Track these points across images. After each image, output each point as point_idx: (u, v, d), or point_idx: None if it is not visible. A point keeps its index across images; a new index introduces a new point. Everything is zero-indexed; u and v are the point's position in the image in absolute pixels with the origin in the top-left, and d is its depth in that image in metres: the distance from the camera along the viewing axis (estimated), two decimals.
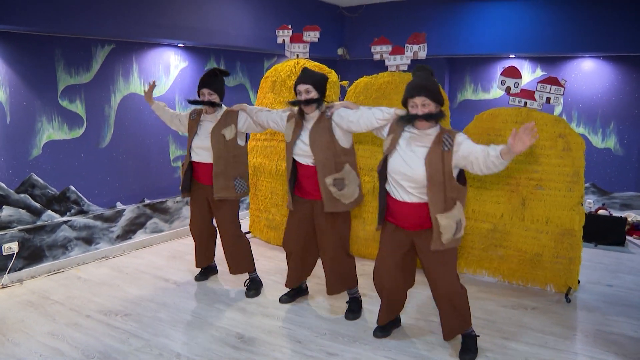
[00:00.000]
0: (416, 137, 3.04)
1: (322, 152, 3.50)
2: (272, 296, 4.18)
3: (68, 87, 4.70)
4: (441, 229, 2.95)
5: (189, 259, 5.04)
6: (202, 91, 3.97)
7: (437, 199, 2.94)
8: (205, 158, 4.03)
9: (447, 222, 2.95)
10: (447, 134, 2.97)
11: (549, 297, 4.19)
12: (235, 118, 4.03)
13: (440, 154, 2.93)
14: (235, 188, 4.02)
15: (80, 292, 4.24)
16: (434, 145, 2.96)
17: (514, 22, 6.29)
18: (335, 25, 7.49)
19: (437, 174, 2.92)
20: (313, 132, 3.55)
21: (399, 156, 3.05)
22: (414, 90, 2.96)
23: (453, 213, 2.97)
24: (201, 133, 4.04)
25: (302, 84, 3.54)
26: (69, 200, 4.80)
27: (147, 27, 4.84)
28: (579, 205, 4.09)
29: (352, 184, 3.59)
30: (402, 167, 3.02)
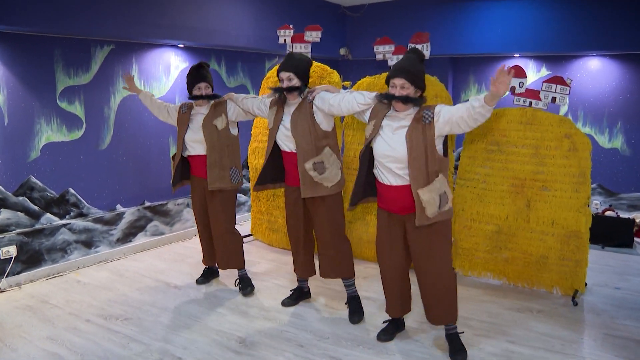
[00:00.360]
0: (397, 119, 3.10)
1: (303, 137, 3.53)
2: (274, 299, 4.16)
3: (67, 88, 4.70)
4: (424, 204, 2.98)
5: (190, 262, 5.04)
6: (198, 85, 4.02)
7: (419, 173, 2.98)
8: (200, 151, 4.07)
9: (430, 195, 2.97)
10: (427, 109, 3.03)
11: (555, 300, 4.16)
12: (224, 108, 4.10)
13: (421, 128, 2.98)
14: (231, 178, 4.06)
15: (80, 296, 4.23)
16: (413, 122, 3.02)
17: (518, 20, 6.27)
18: (337, 24, 7.48)
19: (418, 148, 2.97)
20: (294, 117, 3.58)
21: (382, 140, 3.11)
22: (395, 71, 3.04)
23: (435, 186, 2.99)
24: (193, 126, 4.07)
25: (284, 71, 3.57)
26: (68, 203, 4.80)
27: (147, 27, 4.84)
28: (586, 206, 4.06)
29: (333, 167, 3.61)
30: (386, 149, 3.07)
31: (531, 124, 4.22)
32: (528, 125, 4.22)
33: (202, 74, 4.03)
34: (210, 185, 4.01)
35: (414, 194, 2.99)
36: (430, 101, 4.52)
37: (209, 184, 4.01)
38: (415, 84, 3.02)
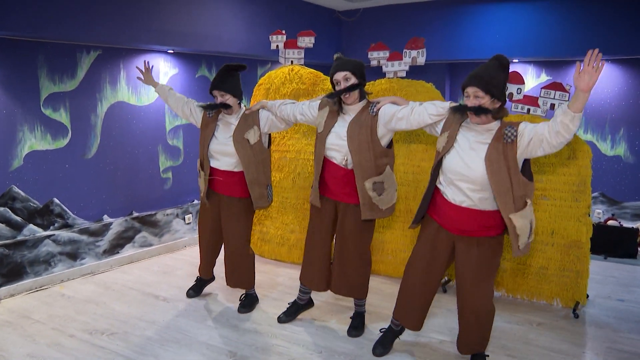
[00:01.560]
0: (475, 132, 2.90)
1: (362, 153, 3.33)
2: (266, 312, 4.15)
3: (51, 95, 4.70)
4: (518, 231, 2.80)
5: (179, 274, 5.02)
6: (213, 93, 3.83)
7: (506, 199, 2.78)
8: (225, 165, 3.89)
9: (523, 222, 2.79)
10: (509, 126, 2.81)
11: (555, 312, 4.16)
12: (256, 119, 3.86)
13: (502, 149, 2.77)
14: (268, 197, 3.97)
15: (64, 310, 4.20)
16: (494, 141, 2.81)
17: (517, 25, 6.30)
18: (331, 30, 7.51)
19: (500, 173, 2.77)
20: (352, 127, 3.36)
21: (457, 155, 2.92)
22: (469, 79, 2.84)
23: (526, 212, 2.82)
24: (220, 136, 3.87)
25: (339, 72, 3.35)
26: (52, 214, 4.79)
27: (135, 32, 4.85)
28: (586, 215, 4.07)
29: (391, 188, 3.45)
30: (460, 167, 2.88)
31: None
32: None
33: (216, 80, 3.79)
34: (255, 205, 3.91)
35: (506, 220, 2.82)
36: None
37: (255, 205, 3.90)
38: (491, 93, 2.80)
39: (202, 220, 4.23)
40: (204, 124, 3.97)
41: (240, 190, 3.93)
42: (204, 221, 4.21)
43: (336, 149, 3.44)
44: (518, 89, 4.22)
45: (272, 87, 5.21)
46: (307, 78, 5.05)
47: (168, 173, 5.81)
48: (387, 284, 4.77)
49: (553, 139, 2.67)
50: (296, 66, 5.21)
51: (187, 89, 5.89)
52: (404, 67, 4.72)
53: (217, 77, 3.81)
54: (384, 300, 4.40)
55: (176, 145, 5.87)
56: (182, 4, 5.23)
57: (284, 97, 5.09)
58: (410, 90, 4.65)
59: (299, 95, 5.05)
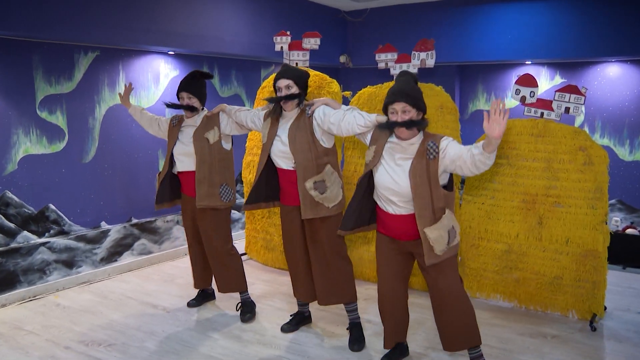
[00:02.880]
0: (400, 148, 3.09)
1: (303, 154, 3.50)
2: (270, 323, 4.13)
3: (48, 97, 4.71)
4: (432, 242, 2.99)
5: (180, 283, 5.01)
6: (180, 95, 4.02)
7: (424, 212, 2.99)
8: (190, 166, 4.04)
9: (437, 233, 2.99)
10: (432, 141, 3.02)
11: (571, 324, 4.11)
12: (217, 120, 4.06)
13: (425, 164, 2.99)
14: (220, 195, 4.02)
15: (59, 320, 4.19)
16: (417, 156, 3.02)
17: (530, 25, 6.28)
18: (337, 31, 7.51)
19: (422, 187, 2.98)
20: (292, 131, 3.54)
21: (384, 171, 3.12)
22: (394, 96, 3.02)
23: (442, 223, 3.01)
24: (183, 138, 4.06)
25: (282, 79, 3.55)
26: (47, 220, 4.78)
27: (134, 33, 4.86)
28: (603, 223, 4.04)
29: (334, 186, 3.58)
30: (389, 182, 3.08)
31: (543, 136, 4.20)
32: (539, 137, 4.21)
33: (185, 83, 4.02)
34: (198, 203, 3.96)
35: (421, 233, 3.00)
36: (434, 113, 4.56)
37: (197, 201, 3.97)
38: (417, 106, 3.03)
39: (185, 228, 4.32)
40: (170, 132, 4.17)
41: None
42: (186, 228, 4.31)
43: (282, 155, 3.60)
44: (531, 92, 4.21)
45: None
46: (312, 81, 5.00)
47: None
48: None
49: (474, 169, 2.93)
50: (301, 68, 5.17)
51: None
52: (412, 70, 4.69)
53: (186, 80, 4.04)
54: None
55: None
56: (183, 4, 5.25)
57: None
58: None
59: None
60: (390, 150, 3.13)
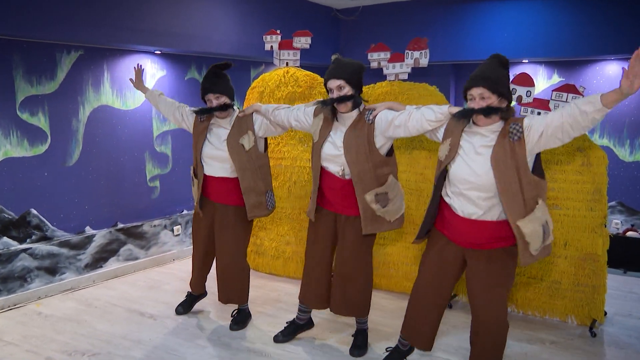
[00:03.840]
0: (479, 136, 2.89)
1: (360, 164, 3.32)
2: (261, 330, 4.11)
3: (29, 98, 4.67)
4: (527, 238, 2.78)
5: (167, 289, 4.98)
6: (207, 97, 3.83)
7: (515, 203, 2.76)
8: (218, 171, 3.90)
9: (532, 227, 2.77)
10: (513, 123, 2.79)
11: (570, 330, 4.11)
12: (250, 123, 3.86)
13: (509, 148, 2.75)
14: (267, 204, 3.95)
15: (41, 330, 4.14)
16: (499, 139, 2.79)
17: (527, 23, 6.29)
18: (328, 29, 7.52)
19: (508, 173, 2.75)
20: (349, 136, 3.36)
21: (463, 162, 2.90)
22: (472, 80, 2.84)
23: (536, 215, 2.78)
24: (213, 140, 3.88)
25: (333, 79, 3.35)
26: (29, 226, 4.74)
27: (120, 31, 4.82)
28: (602, 226, 4.04)
29: (397, 199, 3.44)
30: (467, 174, 2.87)
31: None
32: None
33: (208, 83, 3.81)
34: (249, 214, 3.87)
35: (514, 227, 2.80)
36: None
37: (249, 213, 3.87)
38: (498, 92, 2.81)
39: (196, 231, 4.21)
40: (196, 129, 3.97)
41: (236, 198, 3.93)
42: (197, 232, 4.19)
43: (332, 159, 3.45)
44: (527, 91, 4.19)
45: (266, 91, 5.19)
46: (303, 81, 5.04)
47: (155, 182, 5.77)
48: (389, 300, 4.73)
49: (576, 131, 2.64)
50: (292, 68, 5.20)
51: (175, 91, 5.86)
52: (405, 69, 4.71)
53: (208, 80, 3.82)
54: (386, 316, 4.36)
55: (164, 152, 5.82)
56: (170, 2, 5.23)
57: (279, 101, 5.07)
58: (413, 94, 4.63)
59: (295, 99, 5.04)
60: (468, 140, 2.91)
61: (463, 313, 4.39)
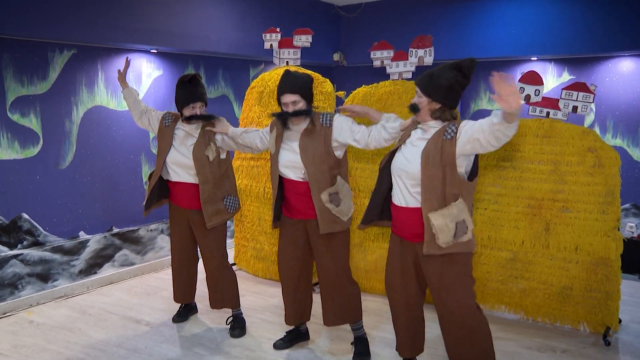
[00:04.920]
0: (421, 131, 3.10)
1: (316, 166, 3.46)
2: (260, 337, 4.10)
3: (20, 99, 4.65)
4: (434, 230, 2.93)
5: (164, 296, 4.97)
6: (193, 105, 3.93)
7: (432, 195, 2.94)
8: (184, 177, 3.99)
9: (443, 221, 2.92)
10: (452, 124, 2.99)
11: (582, 338, 4.08)
12: (212, 135, 4.02)
13: (440, 144, 2.95)
14: (227, 208, 4.06)
15: (32, 339, 4.12)
16: (434, 137, 3.00)
17: (536, 19, 6.26)
18: (330, 27, 7.50)
19: (434, 167, 2.93)
20: (304, 140, 3.50)
21: (401, 153, 3.13)
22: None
23: (450, 211, 2.93)
24: (178, 146, 3.99)
25: (287, 94, 3.50)
26: (20, 231, 4.72)
27: (114, 30, 4.81)
28: (615, 230, 4.01)
29: (346, 198, 3.58)
30: (401, 162, 3.09)
31: (549, 137, 4.19)
32: (545, 138, 4.20)
33: (199, 92, 3.95)
34: (208, 224, 3.95)
35: (424, 218, 2.96)
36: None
37: (208, 222, 3.95)
38: (428, 94, 3.02)
39: (173, 239, 4.28)
40: (161, 135, 4.08)
41: None
42: (174, 240, 4.27)
43: (291, 165, 3.57)
44: (536, 90, 4.18)
45: (265, 90, 5.18)
46: None
47: None
48: None
49: (493, 141, 2.78)
50: (292, 67, 5.19)
51: (172, 91, 5.83)
52: (409, 68, 4.73)
53: (192, 89, 3.93)
54: (388, 323, 4.29)
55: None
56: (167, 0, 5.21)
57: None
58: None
59: None
60: (414, 132, 3.14)
61: None
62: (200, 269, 4.35)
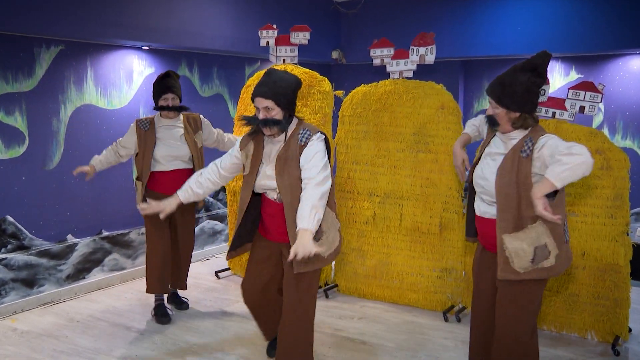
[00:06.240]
0: (500, 142, 3.02)
1: (293, 191, 3.10)
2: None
3: (4, 96, 4.63)
4: (508, 253, 2.85)
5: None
6: (165, 96, 4.33)
7: (506, 215, 2.86)
8: (171, 165, 4.39)
9: (519, 245, 2.83)
10: (529, 138, 2.88)
11: (590, 347, 4.04)
12: (200, 124, 4.52)
13: (517, 161, 2.86)
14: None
15: (16, 347, 4.09)
16: (511, 152, 2.91)
17: (542, 15, 6.28)
18: (328, 24, 7.50)
19: (509, 187, 2.85)
20: (280, 161, 3.14)
21: (479, 166, 3.09)
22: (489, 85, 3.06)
23: (528, 234, 2.84)
24: (167, 141, 4.37)
25: (260, 98, 3.09)
26: (4, 234, 4.70)
27: (103, 25, 4.79)
28: (624, 234, 4.00)
29: (331, 230, 3.21)
30: (479, 177, 3.04)
31: None
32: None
33: (170, 83, 4.33)
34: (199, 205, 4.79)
35: (498, 239, 2.89)
36: (434, 113, 4.59)
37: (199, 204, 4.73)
38: (503, 104, 2.92)
39: (153, 228, 4.46)
40: (143, 139, 4.37)
41: None
42: (155, 229, 4.45)
43: (268, 189, 3.23)
44: (542, 89, 4.14)
45: None
46: (302, 79, 4.96)
47: None
48: (393, 312, 4.71)
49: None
50: (289, 65, 5.20)
51: None
52: (410, 67, 4.73)
53: (167, 81, 4.34)
54: (389, 331, 4.34)
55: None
56: None
57: None
58: (418, 93, 4.66)
59: None
60: (493, 145, 3.07)
61: None
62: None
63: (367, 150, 4.86)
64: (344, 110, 4.97)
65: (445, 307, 4.61)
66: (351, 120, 4.94)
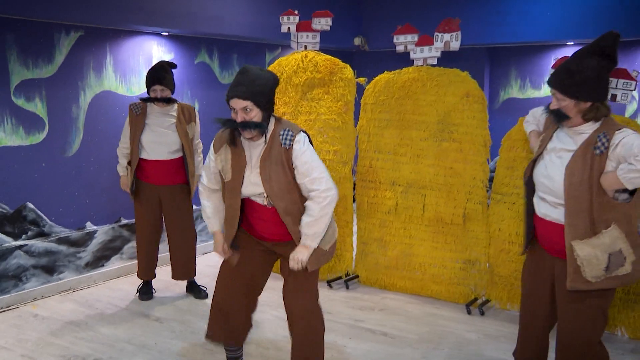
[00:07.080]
0: (567, 137, 2.83)
1: (284, 196, 3.00)
2: (274, 334, 4.11)
3: (24, 82, 4.66)
4: (579, 262, 2.69)
5: (175, 290, 5.01)
6: (153, 88, 4.51)
7: (576, 220, 2.69)
8: (161, 154, 4.57)
9: (591, 252, 2.68)
10: (604, 132, 2.68)
11: (619, 344, 3.98)
12: (194, 116, 4.73)
13: (590, 160, 2.68)
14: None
15: (37, 333, 4.15)
16: (582, 148, 2.72)
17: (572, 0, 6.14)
18: (350, 9, 7.46)
19: (580, 188, 2.68)
20: (264, 165, 3.00)
21: (542, 163, 2.91)
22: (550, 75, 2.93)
23: (601, 240, 2.68)
24: (155, 127, 4.55)
25: (237, 99, 2.89)
26: (25, 221, 4.75)
27: (123, 11, 4.81)
28: None
29: (330, 227, 3.16)
30: (543, 177, 2.86)
31: None
32: None
33: (160, 75, 4.50)
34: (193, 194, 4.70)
35: (567, 246, 2.73)
36: (459, 101, 4.53)
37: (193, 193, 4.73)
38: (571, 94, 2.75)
39: (144, 217, 4.73)
40: (133, 123, 4.58)
41: (181, 177, 4.70)
42: (145, 218, 4.72)
43: (255, 193, 3.07)
44: None
45: (282, 76, 5.16)
46: (323, 66, 5.02)
47: None
48: (414, 304, 4.70)
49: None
50: (310, 52, 5.18)
51: (184, 76, 5.83)
52: (435, 54, 4.70)
53: (157, 73, 4.52)
54: (410, 322, 4.34)
55: None
56: None
57: (297, 87, 5.11)
58: (442, 80, 4.61)
59: (314, 85, 5.03)
60: (557, 137, 2.88)
61: (497, 321, 4.32)
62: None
63: (389, 139, 4.84)
64: (367, 98, 4.94)
65: (468, 300, 4.59)
66: (374, 108, 4.91)
